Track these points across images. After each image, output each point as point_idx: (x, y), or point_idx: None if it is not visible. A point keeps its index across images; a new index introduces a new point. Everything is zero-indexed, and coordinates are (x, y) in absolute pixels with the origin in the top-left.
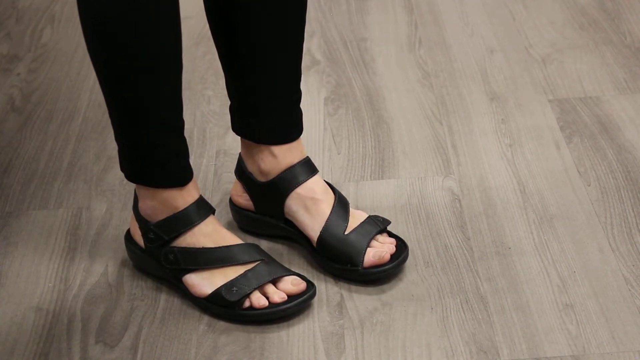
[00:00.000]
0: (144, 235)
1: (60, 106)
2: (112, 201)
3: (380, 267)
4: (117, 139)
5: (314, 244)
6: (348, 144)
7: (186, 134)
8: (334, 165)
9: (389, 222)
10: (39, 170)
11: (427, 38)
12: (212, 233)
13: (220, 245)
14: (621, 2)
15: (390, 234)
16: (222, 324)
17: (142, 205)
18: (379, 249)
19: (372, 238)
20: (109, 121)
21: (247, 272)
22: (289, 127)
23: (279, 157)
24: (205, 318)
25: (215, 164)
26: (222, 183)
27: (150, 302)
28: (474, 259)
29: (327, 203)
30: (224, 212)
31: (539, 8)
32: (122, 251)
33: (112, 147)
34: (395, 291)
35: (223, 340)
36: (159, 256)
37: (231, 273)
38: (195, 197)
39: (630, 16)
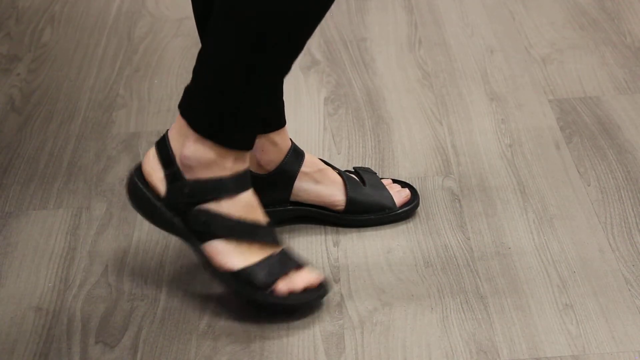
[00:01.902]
0: (175, 186)
1: (60, 106)
2: (112, 201)
3: (411, 204)
4: (203, 85)
5: (342, 208)
6: (348, 144)
7: None
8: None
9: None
10: (39, 170)
11: (427, 38)
12: (250, 206)
13: (256, 220)
14: (621, 2)
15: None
16: (222, 324)
17: (186, 153)
18: (400, 190)
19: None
20: (109, 121)
21: (276, 255)
22: (283, 110)
23: (280, 143)
24: (205, 318)
25: None
26: None
27: (150, 302)
28: (474, 259)
29: (329, 169)
30: None
31: (539, 8)
32: (122, 251)
33: (112, 147)
34: (395, 291)
35: (223, 340)
36: (185, 213)
37: (258, 251)
38: (245, 167)
39: (630, 16)
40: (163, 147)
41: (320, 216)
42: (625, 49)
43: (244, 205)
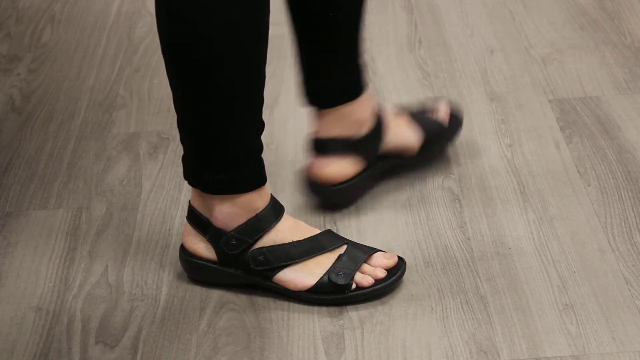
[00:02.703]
0: (223, 244)
1: (60, 106)
2: (112, 201)
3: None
4: (194, 151)
5: (421, 145)
6: None
7: None
8: None
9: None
10: (39, 170)
11: (427, 38)
12: (294, 226)
13: (307, 236)
14: (621, 2)
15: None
16: (222, 324)
17: (217, 215)
18: (443, 111)
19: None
20: (109, 121)
21: (341, 256)
22: (359, 78)
23: (367, 101)
24: (205, 318)
25: None
26: None
27: (150, 302)
28: (474, 259)
29: (397, 114)
30: None
31: (539, 8)
32: (122, 251)
33: (112, 147)
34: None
35: (223, 340)
36: (243, 261)
37: (325, 261)
38: (269, 195)
39: (630, 16)
40: (194, 218)
41: (397, 164)
42: (625, 49)
43: (289, 228)
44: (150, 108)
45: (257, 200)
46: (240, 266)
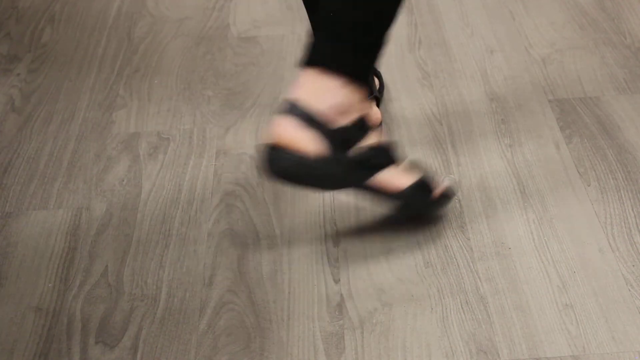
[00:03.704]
0: (337, 136)
1: (60, 106)
2: (112, 201)
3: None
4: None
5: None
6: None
7: (186, 134)
8: None
9: None
10: (39, 170)
11: (427, 38)
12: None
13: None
14: (621, 2)
15: None
16: (222, 324)
17: (338, 101)
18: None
19: None
20: (109, 121)
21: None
22: None
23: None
24: (205, 318)
25: (215, 164)
26: (222, 183)
27: (150, 302)
28: (474, 259)
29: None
30: (224, 212)
31: (539, 8)
32: (122, 251)
33: (112, 147)
34: (395, 291)
35: (223, 340)
36: (350, 155)
37: (414, 168)
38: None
39: (630, 16)
40: (298, 111)
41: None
42: (625, 49)
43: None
44: (150, 108)
45: (359, 101)
46: (349, 165)
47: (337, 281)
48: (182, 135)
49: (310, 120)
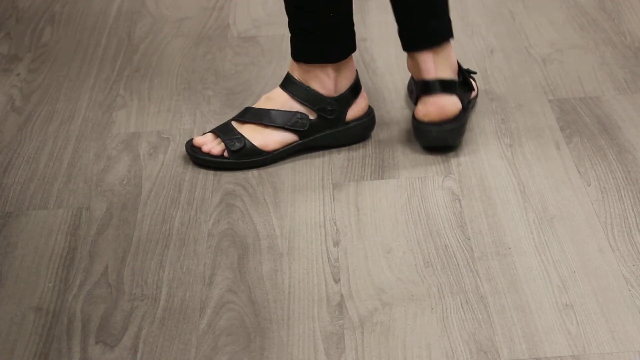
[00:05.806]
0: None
1: (60, 106)
2: (112, 201)
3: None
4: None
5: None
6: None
7: (185, 134)
8: (334, 165)
9: None
10: (39, 170)
11: None
12: None
13: None
14: (621, 2)
15: None
16: (222, 324)
17: (455, 68)
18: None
19: None
20: (109, 121)
21: None
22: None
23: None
24: (205, 318)
25: None
26: (222, 183)
27: (150, 302)
28: (474, 259)
29: None
30: (224, 212)
31: (539, 8)
32: (122, 251)
33: (112, 147)
34: (395, 291)
35: (223, 340)
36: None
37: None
38: None
39: (630, 16)
40: (447, 86)
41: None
42: (625, 49)
43: None
44: (150, 108)
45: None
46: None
47: (337, 281)
48: (182, 135)
49: (453, 89)
